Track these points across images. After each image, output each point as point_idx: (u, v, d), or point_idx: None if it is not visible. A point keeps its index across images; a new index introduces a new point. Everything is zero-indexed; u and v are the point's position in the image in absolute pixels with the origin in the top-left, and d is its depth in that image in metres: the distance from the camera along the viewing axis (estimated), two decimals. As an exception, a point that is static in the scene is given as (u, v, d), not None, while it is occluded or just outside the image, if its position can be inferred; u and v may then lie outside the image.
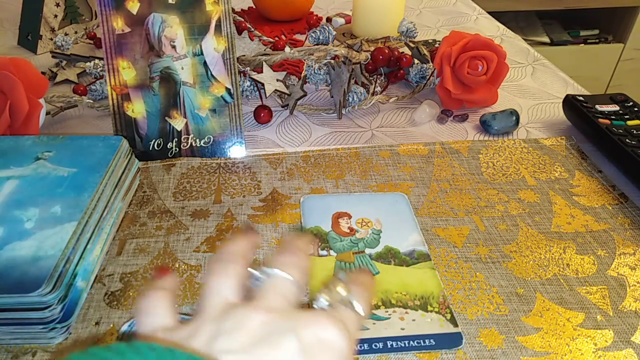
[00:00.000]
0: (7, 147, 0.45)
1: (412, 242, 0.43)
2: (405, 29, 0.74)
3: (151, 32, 0.51)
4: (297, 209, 0.47)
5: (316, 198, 0.48)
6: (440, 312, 0.37)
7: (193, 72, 0.53)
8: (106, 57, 0.51)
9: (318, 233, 0.44)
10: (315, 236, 0.44)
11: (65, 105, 0.61)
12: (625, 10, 1.79)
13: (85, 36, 0.81)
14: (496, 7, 1.65)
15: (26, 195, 0.40)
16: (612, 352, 0.35)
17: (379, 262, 0.41)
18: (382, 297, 0.38)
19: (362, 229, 0.45)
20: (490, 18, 0.95)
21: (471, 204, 0.48)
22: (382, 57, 0.67)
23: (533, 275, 0.41)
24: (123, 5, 0.51)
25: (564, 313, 0.38)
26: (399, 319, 0.37)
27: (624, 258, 0.43)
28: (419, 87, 0.67)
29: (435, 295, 0.38)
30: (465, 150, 0.56)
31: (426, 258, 0.42)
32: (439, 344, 0.35)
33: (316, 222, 0.45)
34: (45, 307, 0.33)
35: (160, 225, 0.45)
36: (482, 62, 0.60)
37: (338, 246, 0.43)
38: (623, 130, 0.53)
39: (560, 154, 0.55)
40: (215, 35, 0.52)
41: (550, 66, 0.76)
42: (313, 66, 0.64)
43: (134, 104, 0.52)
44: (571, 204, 0.48)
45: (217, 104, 0.53)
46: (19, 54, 0.78)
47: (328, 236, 0.44)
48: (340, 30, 0.87)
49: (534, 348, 0.35)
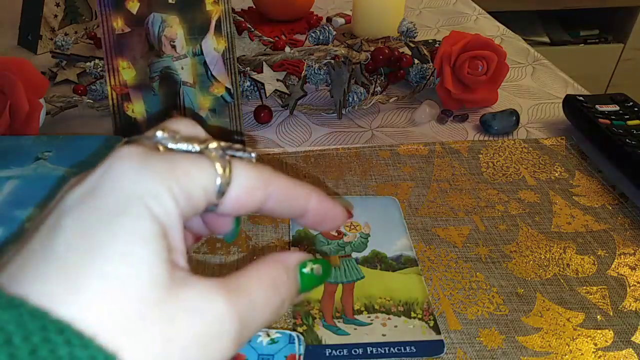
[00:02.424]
0: (7, 147, 0.45)
1: (399, 246, 0.43)
2: (405, 29, 0.74)
3: (151, 32, 0.51)
4: (297, 209, 0.47)
5: None
6: (423, 319, 0.37)
7: (193, 72, 0.53)
8: (106, 57, 0.51)
9: (305, 236, 0.44)
10: (302, 239, 0.43)
11: (65, 105, 0.61)
12: (625, 10, 1.79)
13: (85, 36, 0.81)
14: (496, 7, 1.65)
15: (26, 195, 0.40)
16: (612, 352, 0.35)
17: (365, 266, 0.41)
18: (365, 302, 0.38)
19: (350, 232, 0.44)
20: (490, 18, 0.95)
21: (471, 204, 0.48)
22: (382, 57, 0.67)
23: (533, 275, 0.41)
24: (123, 5, 0.51)
25: (564, 313, 0.38)
26: (381, 325, 0.36)
27: (624, 258, 0.43)
28: (419, 87, 0.67)
29: (419, 302, 0.38)
30: (465, 150, 0.56)
31: (413, 263, 0.41)
32: (420, 351, 0.35)
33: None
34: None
35: (160, 225, 0.45)
36: (482, 62, 0.60)
37: (325, 249, 0.43)
38: (623, 130, 0.53)
39: (560, 154, 0.55)
40: (215, 35, 0.52)
41: (550, 66, 0.76)
42: (313, 66, 0.64)
43: (134, 104, 0.52)
44: (571, 204, 0.48)
45: (217, 104, 0.53)
46: (19, 54, 0.78)
47: (315, 239, 0.44)
48: (340, 30, 0.87)
49: (534, 348, 0.35)
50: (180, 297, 0.15)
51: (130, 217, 0.15)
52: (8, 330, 0.12)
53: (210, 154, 0.17)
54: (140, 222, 0.15)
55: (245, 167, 0.18)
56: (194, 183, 0.16)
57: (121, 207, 0.15)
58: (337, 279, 0.40)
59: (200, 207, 0.17)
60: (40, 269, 0.14)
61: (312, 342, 0.35)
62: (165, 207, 0.16)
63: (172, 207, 0.16)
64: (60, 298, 0.13)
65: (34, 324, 0.13)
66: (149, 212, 0.15)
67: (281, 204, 0.20)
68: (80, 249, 0.14)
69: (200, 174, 0.17)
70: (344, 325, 0.36)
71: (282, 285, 0.18)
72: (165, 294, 0.15)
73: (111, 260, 0.14)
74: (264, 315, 0.17)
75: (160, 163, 0.16)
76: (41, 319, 0.13)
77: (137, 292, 0.14)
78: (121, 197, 0.15)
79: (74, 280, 0.14)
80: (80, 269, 0.14)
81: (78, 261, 0.14)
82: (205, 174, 0.17)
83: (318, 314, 0.37)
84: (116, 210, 0.15)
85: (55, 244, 0.14)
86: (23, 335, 0.12)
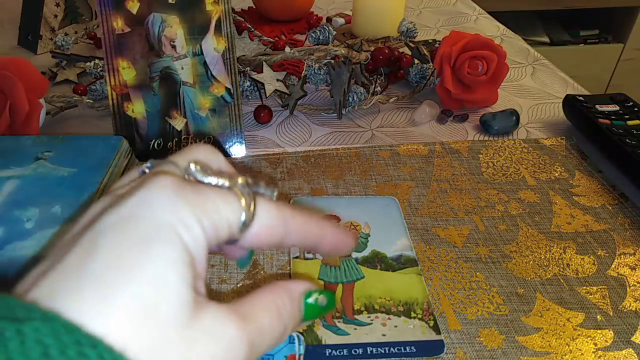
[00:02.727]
0: (7, 147, 0.45)
1: (400, 246, 0.43)
2: (405, 29, 0.74)
3: (151, 32, 0.51)
4: (297, 209, 0.47)
5: (306, 200, 0.48)
6: (423, 319, 0.37)
7: (193, 72, 0.53)
8: (106, 57, 0.51)
9: None
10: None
11: (65, 105, 0.61)
12: (625, 10, 1.79)
13: (85, 36, 0.81)
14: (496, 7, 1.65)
15: (26, 195, 0.40)
16: (612, 352, 0.35)
17: (365, 266, 0.41)
18: (365, 302, 0.38)
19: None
20: (490, 18, 0.95)
21: (471, 204, 0.48)
22: (382, 57, 0.67)
23: (533, 275, 0.41)
24: (123, 5, 0.51)
25: (564, 313, 0.38)
26: (381, 325, 0.36)
27: (624, 258, 0.43)
28: (419, 87, 0.67)
29: (419, 302, 0.38)
30: (465, 150, 0.56)
31: (413, 263, 0.41)
32: (420, 351, 0.35)
33: None
34: (45, 307, 0.33)
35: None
36: (482, 62, 0.60)
37: None
38: (623, 130, 0.53)
39: (560, 154, 0.55)
40: (215, 35, 0.52)
41: (550, 66, 0.76)
42: (313, 66, 0.64)
43: (134, 104, 0.52)
44: (571, 204, 0.48)
45: (217, 104, 0.53)
46: (19, 54, 0.78)
47: None
48: (340, 30, 0.87)
49: (534, 348, 0.35)
50: (200, 322, 0.16)
51: (163, 244, 0.16)
52: (46, 343, 0.13)
53: (238, 191, 0.19)
54: (172, 249, 0.16)
55: (267, 205, 0.19)
56: (220, 217, 0.18)
57: (155, 234, 0.16)
58: (337, 279, 0.40)
59: (223, 238, 0.18)
60: (75, 285, 0.15)
61: (312, 342, 0.35)
62: (195, 237, 0.17)
63: (201, 237, 0.17)
64: (92, 314, 0.14)
65: (69, 337, 0.13)
66: (180, 241, 0.16)
67: (298, 239, 0.21)
68: (115, 270, 0.15)
69: (227, 208, 0.18)
70: (344, 325, 0.36)
71: (286, 314, 0.19)
72: (188, 317, 0.15)
73: (144, 282, 0.15)
74: (268, 341, 0.18)
75: (192, 195, 0.17)
76: (75, 333, 0.13)
77: (164, 314, 0.15)
78: (156, 224, 0.16)
79: (107, 298, 0.14)
80: (114, 288, 0.15)
81: (112, 281, 0.15)
82: (231, 209, 0.18)
83: (318, 314, 0.37)
84: (150, 237, 0.16)
85: (91, 263, 0.15)
86: (60, 348, 0.13)
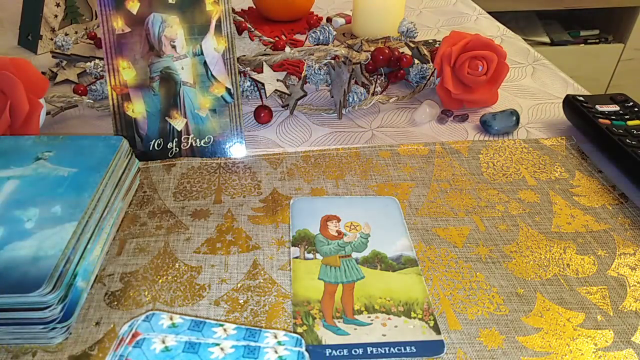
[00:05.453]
0: (7, 147, 0.45)
1: (400, 246, 0.43)
2: (405, 29, 0.74)
3: (151, 32, 0.51)
4: (297, 209, 0.47)
5: (306, 200, 0.48)
6: (423, 319, 0.37)
7: (193, 72, 0.53)
8: (106, 57, 0.51)
9: (306, 236, 0.44)
10: (302, 239, 0.43)
11: (66, 105, 0.61)
12: (625, 10, 1.79)
13: (86, 36, 0.81)
14: (496, 7, 1.65)
15: (26, 195, 0.40)
16: (613, 352, 0.35)
17: (365, 266, 0.41)
18: (365, 302, 0.38)
19: (350, 232, 0.44)
20: (490, 18, 0.95)
21: (471, 204, 0.48)
22: (382, 57, 0.67)
23: (533, 276, 0.41)
24: (123, 5, 0.51)
25: (564, 313, 0.38)
26: (381, 325, 0.36)
27: (624, 258, 0.43)
28: (419, 87, 0.67)
29: (419, 302, 0.38)
30: (466, 151, 0.56)
31: (413, 263, 0.41)
32: (420, 351, 0.35)
33: (304, 225, 0.45)
34: (45, 307, 0.33)
35: (160, 225, 0.45)
36: (482, 62, 0.60)
37: (325, 249, 0.43)
38: (623, 130, 0.53)
39: (560, 154, 0.55)
40: (215, 35, 0.52)
41: (551, 66, 0.76)
42: (313, 66, 0.64)
43: (134, 104, 0.52)
44: (571, 204, 0.48)
45: (217, 104, 0.53)
46: (19, 54, 0.78)
47: (315, 239, 0.43)
48: (340, 30, 0.87)
49: (534, 348, 0.35)
50: None
51: None
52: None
53: None
54: None
55: None
56: None
57: None
58: (337, 279, 0.40)
59: None
60: None
61: (312, 342, 0.35)
62: None
63: None
64: None
65: None
66: None
67: None
68: None
69: None
70: (344, 326, 0.36)
71: None
72: None
73: None
74: None
75: None
76: None
77: None
78: None
79: None
80: None
81: None
82: None
83: (318, 314, 0.37)
84: None
85: None
86: None
